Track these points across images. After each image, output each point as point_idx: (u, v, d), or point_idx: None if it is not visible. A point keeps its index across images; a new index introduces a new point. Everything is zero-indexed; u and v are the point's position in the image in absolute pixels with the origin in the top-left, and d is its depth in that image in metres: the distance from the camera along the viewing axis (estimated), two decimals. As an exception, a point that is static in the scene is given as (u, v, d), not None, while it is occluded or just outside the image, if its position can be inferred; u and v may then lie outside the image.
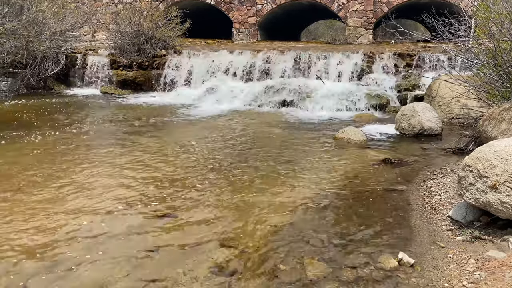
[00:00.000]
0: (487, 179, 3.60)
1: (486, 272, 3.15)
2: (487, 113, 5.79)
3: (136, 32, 12.66)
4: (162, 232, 4.01)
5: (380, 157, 6.34)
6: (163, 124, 8.78)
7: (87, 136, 7.56)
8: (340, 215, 4.40)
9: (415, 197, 4.80)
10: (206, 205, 4.63)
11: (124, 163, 5.99)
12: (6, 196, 4.74)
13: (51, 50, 12.24)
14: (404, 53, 11.36)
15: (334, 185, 5.24)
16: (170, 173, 5.62)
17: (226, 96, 11.13)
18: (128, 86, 12.57)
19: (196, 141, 7.26)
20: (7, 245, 3.72)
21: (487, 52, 6.31)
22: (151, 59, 12.58)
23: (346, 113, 9.97)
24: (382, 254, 3.58)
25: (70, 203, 4.62)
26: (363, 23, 15.10)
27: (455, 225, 3.97)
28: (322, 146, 7.11)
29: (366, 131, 7.99)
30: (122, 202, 4.66)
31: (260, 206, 4.61)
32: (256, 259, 3.55)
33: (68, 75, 13.05)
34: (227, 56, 12.38)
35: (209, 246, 3.75)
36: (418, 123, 7.63)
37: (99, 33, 16.06)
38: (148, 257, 3.57)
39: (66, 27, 13.23)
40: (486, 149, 3.73)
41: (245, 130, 8.24)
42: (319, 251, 3.67)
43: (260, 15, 15.99)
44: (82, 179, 5.35)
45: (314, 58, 11.73)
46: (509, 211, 3.51)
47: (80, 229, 4.04)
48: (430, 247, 3.68)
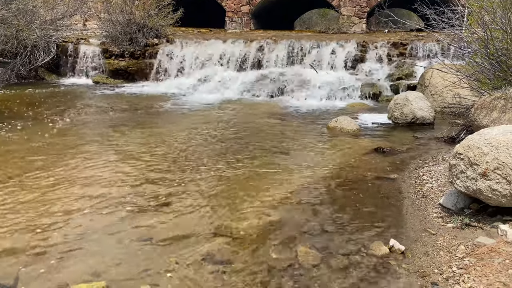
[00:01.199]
0: (477, 166, 3.63)
1: (476, 258, 3.19)
2: (479, 102, 5.83)
3: (128, 21, 12.53)
4: (154, 222, 4.01)
5: (372, 146, 6.37)
6: (155, 114, 8.73)
7: (78, 126, 7.51)
8: (332, 203, 4.43)
9: (406, 185, 4.84)
10: (199, 194, 4.63)
11: (115, 153, 5.97)
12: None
13: (41, 39, 12.09)
14: (397, 42, 11.36)
15: (326, 174, 5.27)
16: (163, 162, 5.61)
17: (219, 86, 11.09)
18: (120, 75, 12.48)
19: (189, 131, 7.24)
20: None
21: (479, 41, 6.33)
22: (143, 48, 12.48)
23: (339, 102, 9.98)
24: (373, 241, 3.61)
25: (60, 192, 4.60)
26: (356, 12, 15.04)
27: (446, 213, 4.01)
28: (315, 135, 7.12)
29: (359, 120, 8.01)
30: (114, 192, 4.65)
31: (253, 195, 4.62)
32: (249, 248, 3.57)
33: (59, 65, 12.90)
34: (220, 45, 12.31)
35: (202, 235, 3.76)
36: (410, 112, 7.66)
37: (91, 22, 15.87)
38: (140, 246, 3.58)
39: (57, 16, 13.07)
40: (477, 137, 3.76)
41: (238, 120, 8.22)
42: (311, 239, 3.70)
43: (253, 4, 15.87)
44: (73, 168, 5.32)
45: (307, 47, 11.70)
46: (498, 198, 3.55)
47: (71, 219, 4.03)
48: (421, 234, 3.72)
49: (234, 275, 3.19)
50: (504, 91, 5.56)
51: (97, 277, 3.15)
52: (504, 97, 5.49)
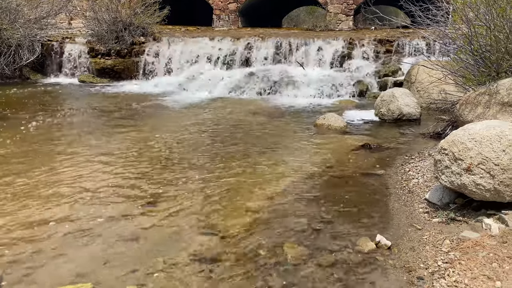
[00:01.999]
0: (461, 161, 3.67)
1: (460, 252, 3.23)
2: (464, 98, 5.88)
3: (114, 19, 12.41)
4: (141, 221, 3.98)
5: (359, 142, 6.40)
6: (142, 113, 8.67)
7: (63, 126, 7.43)
8: (320, 200, 4.44)
9: (393, 181, 4.88)
10: (186, 193, 4.62)
11: (102, 153, 5.92)
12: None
13: (25, 38, 11.93)
14: (383, 39, 11.43)
15: (314, 170, 5.28)
16: (150, 162, 5.58)
17: (207, 84, 11.05)
18: (107, 74, 12.36)
19: (176, 130, 7.21)
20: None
21: (463, 38, 6.39)
22: (129, 47, 12.37)
23: (327, 99, 10.02)
24: (360, 237, 3.63)
25: (46, 193, 4.54)
26: (343, 10, 15.10)
27: (432, 208, 4.05)
28: (303, 132, 7.14)
29: (346, 117, 8.05)
30: (100, 192, 4.61)
31: (240, 193, 4.62)
32: (237, 246, 3.56)
33: (45, 64, 12.73)
34: (207, 43, 12.26)
35: (189, 234, 3.75)
36: (397, 109, 7.71)
37: (76, 21, 15.69)
38: (127, 246, 3.55)
39: (41, 15, 12.90)
40: (461, 133, 3.80)
41: (226, 118, 8.20)
42: (299, 236, 3.71)
43: (240, 2, 15.83)
44: (58, 169, 5.26)
45: (295, 44, 11.71)
46: (482, 193, 3.59)
47: (57, 220, 3.98)
48: (407, 229, 3.75)
49: (222, 274, 3.18)
50: (488, 87, 5.63)
51: (83, 278, 3.12)
52: (488, 93, 5.55)
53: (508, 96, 5.10)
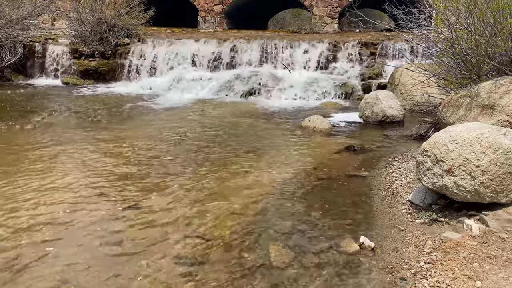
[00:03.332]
0: (443, 163, 3.73)
1: (442, 252, 3.28)
2: (446, 100, 5.98)
3: (98, 20, 12.29)
4: (125, 225, 3.95)
5: (344, 144, 6.45)
6: (127, 115, 8.60)
7: (44, 129, 7.32)
8: (305, 202, 4.46)
9: (377, 183, 4.93)
10: (170, 196, 4.59)
11: (85, 156, 5.85)
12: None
13: (7, 39, 11.75)
14: (368, 42, 11.55)
15: (299, 172, 5.30)
16: (133, 164, 5.53)
17: (193, 86, 11.02)
18: (91, 76, 12.23)
19: (161, 132, 7.17)
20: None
21: (445, 41, 6.50)
22: (114, 48, 12.26)
23: (312, 101, 10.07)
24: (344, 239, 3.66)
25: (27, 197, 4.47)
26: (328, 12, 15.22)
27: (414, 209, 4.11)
28: (288, 134, 7.16)
29: (331, 119, 8.11)
30: (82, 196, 4.56)
31: (225, 195, 4.61)
32: (221, 248, 3.56)
33: (27, 65, 12.53)
34: (193, 44, 12.22)
35: (173, 237, 3.73)
36: (381, 111, 7.80)
37: (59, 22, 15.48)
38: (110, 250, 3.52)
39: (23, 15, 12.70)
40: (443, 135, 3.86)
41: (212, 120, 8.19)
42: (284, 238, 3.72)
43: (226, 4, 15.84)
44: (40, 172, 5.18)
45: (280, 47, 11.75)
46: (463, 194, 3.65)
47: (38, 224, 3.92)
48: (390, 230, 3.79)
49: (206, 277, 3.17)
50: (469, 90, 5.72)
51: (65, 283, 3.08)
52: (469, 95, 5.65)
53: (488, 99, 5.20)
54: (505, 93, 5.02)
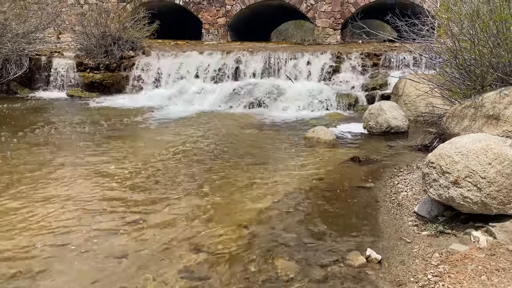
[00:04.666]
0: (449, 175, 3.71)
1: (450, 265, 3.24)
2: (450, 111, 5.97)
3: (103, 34, 12.41)
4: (130, 237, 3.94)
5: (348, 155, 6.44)
6: (131, 127, 8.63)
7: (52, 141, 7.36)
8: (310, 214, 4.44)
9: (382, 194, 4.90)
10: (175, 208, 4.59)
11: (91, 168, 5.86)
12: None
13: (13, 53, 11.87)
14: (371, 53, 11.58)
15: (304, 184, 5.29)
16: (138, 177, 5.54)
17: (196, 97, 11.07)
18: (96, 88, 12.31)
19: (166, 144, 7.18)
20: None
21: (448, 52, 6.51)
22: (118, 61, 12.36)
23: (315, 112, 10.09)
24: (350, 251, 3.63)
25: (34, 210, 4.48)
26: (331, 24, 15.31)
27: (421, 221, 4.08)
28: (293, 146, 7.16)
29: (335, 130, 8.10)
30: (89, 208, 4.56)
31: (229, 207, 4.60)
32: (227, 262, 3.54)
33: (33, 78, 12.64)
34: (197, 57, 12.31)
35: (178, 250, 3.71)
36: (385, 122, 7.79)
37: (65, 35, 15.65)
38: (116, 263, 3.51)
39: (29, 29, 12.85)
40: (448, 146, 3.85)
41: (216, 132, 8.21)
42: (289, 251, 3.70)
43: (229, 16, 15.97)
44: (45, 185, 5.20)
45: (284, 58, 11.81)
46: (470, 205, 3.63)
47: (44, 237, 3.92)
48: (397, 242, 3.77)
49: (212, 290, 3.16)
50: (473, 100, 5.72)
51: (70, 297, 3.07)
52: (473, 106, 5.64)
53: (493, 109, 5.19)
54: (510, 104, 5.01)
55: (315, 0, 15.28)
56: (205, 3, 16.02)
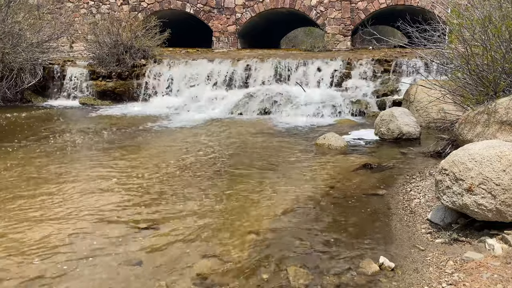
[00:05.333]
0: (462, 182, 3.68)
1: (464, 273, 3.21)
2: (463, 117, 5.93)
3: (115, 42, 12.59)
4: (144, 245, 3.97)
5: (360, 162, 6.42)
6: (143, 135, 8.71)
7: (65, 149, 7.46)
8: (322, 222, 4.43)
9: (394, 201, 4.88)
10: (188, 216, 4.61)
11: (103, 176, 5.93)
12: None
13: (28, 62, 12.08)
14: (381, 59, 11.57)
15: (315, 191, 5.28)
16: (151, 184, 5.58)
17: (207, 105, 11.15)
18: (108, 96, 12.47)
19: (177, 151, 7.23)
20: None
21: (460, 57, 6.48)
22: (130, 69, 12.51)
23: (326, 119, 10.08)
24: (363, 259, 3.61)
25: (48, 217, 4.54)
26: (341, 30, 15.32)
27: (434, 228, 4.05)
28: (303, 152, 7.16)
29: (346, 137, 8.08)
30: (101, 216, 4.60)
31: (241, 215, 4.61)
32: (239, 269, 3.54)
33: (46, 87, 12.86)
34: (207, 64, 12.40)
35: (191, 258, 3.73)
36: (396, 128, 7.76)
37: (77, 44, 15.89)
38: (130, 271, 3.53)
39: (43, 38, 13.09)
40: (461, 153, 3.82)
41: (227, 139, 8.24)
42: (301, 259, 3.69)
43: (239, 24, 16.08)
44: (59, 192, 5.26)
45: (294, 65, 11.85)
46: (485, 213, 3.59)
47: (59, 244, 3.97)
48: (410, 250, 3.74)
49: (225, 298, 3.16)
50: (486, 106, 5.68)
51: (85, 304, 3.10)
52: (486, 112, 5.60)
53: (507, 115, 5.15)
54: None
55: (324, 7, 15.33)
56: (215, 11, 16.16)
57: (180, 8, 16.38)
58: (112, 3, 16.87)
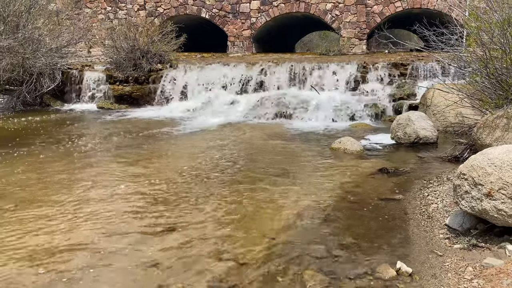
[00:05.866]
0: (482, 187, 3.63)
1: (484, 280, 3.16)
2: (481, 121, 5.85)
3: (132, 47, 12.75)
4: (161, 247, 4.00)
5: (376, 166, 6.37)
6: (159, 138, 8.79)
7: (82, 152, 7.57)
8: (338, 226, 4.41)
9: (412, 206, 4.83)
10: (204, 219, 4.63)
11: (120, 179, 6.00)
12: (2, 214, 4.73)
13: (47, 67, 12.32)
14: (397, 63, 11.47)
15: (331, 195, 5.26)
16: (167, 188, 5.62)
17: (222, 109, 11.19)
18: (125, 100, 12.63)
19: (192, 155, 7.28)
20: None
21: (479, 61, 6.40)
22: (147, 74, 12.66)
23: (341, 123, 10.03)
24: (380, 264, 3.58)
25: (67, 219, 4.61)
26: (356, 34, 15.26)
27: (452, 233, 3.99)
28: (319, 157, 7.13)
29: (362, 141, 8.03)
30: (119, 218, 4.66)
31: (257, 218, 4.62)
32: (255, 272, 3.55)
33: (64, 91, 13.10)
34: (222, 69, 12.47)
35: (208, 260, 3.75)
36: (413, 132, 7.68)
37: (95, 49, 16.16)
38: (147, 273, 3.57)
39: (62, 44, 13.34)
40: (480, 157, 3.77)
41: (242, 143, 8.27)
42: (318, 263, 3.68)
43: (254, 28, 16.14)
44: (78, 195, 5.35)
45: (308, 69, 11.83)
46: (504, 218, 3.53)
47: (77, 246, 4.03)
48: (428, 255, 3.69)
49: (241, 301, 3.17)
50: (506, 110, 5.59)
51: (103, 305, 3.14)
52: (506, 116, 5.51)
53: (527, 119, 5.06)
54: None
55: (340, 11, 15.29)
56: (231, 16, 16.26)
57: (196, 13, 16.53)
58: (129, 9, 17.12)
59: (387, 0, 14.76)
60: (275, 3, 15.75)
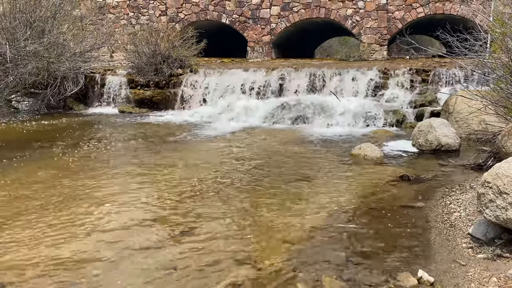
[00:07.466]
0: (507, 195, 3.55)
1: (509, 291, 3.08)
2: (506, 128, 5.73)
3: (153, 52, 12.93)
4: (179, 250, 4.03)
5: (397, 173, 6.29)
6: (179, 142, 8.87)
7: (104, 155, 7.70)
8: (358, 233, 4.37)
9: (433, 214, 4.74)
10: (223, 223, 4.65)
11: (140, 181, 6.07)
12: (28, 218, 4.84)
13: (70, 71, 12.58)
14: (419, 69, 11.33)
15: (351, 202, 5.21)
16: (186, 191, 5.66)
17: (242, 114, 11.23)
18: (146, 104, 12.80)
19: (212, 160, 7.32)
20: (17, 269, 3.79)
21: (504, 67, 6.28)
22: (168, 78, 12.81)
23: (362, 129, 9.95)
24: (401, 272, 3.53)
25: (88, 221, 4.69)
26: (377, 40, 15.14)
27: (476, 243, 3.90)
28: (339, 163, 7.08)
29: (382, 147, 7.94)
30: (138, 220, 4.71)
31: (277, 223, 4.61)
32: (274, 277, 3.54)
33: (87, 95, 13.35)
34: (242, 74, 12.53)
35: (226, 264, 3.75)
36: (435, 139, 7.56)
37: (117, 54, 16.44)
38: (165, 276, 3.59)
39: (86, 48, 13.61)
40: (506, 165, 3.68)
41: (261, 147, 8.27)
42: (337, 270, 3.64)
43: (274, 34, 16.18)
44: (99, 197, 5.43)
45: (328, 75, 11.79)
46: (531, 229, 3.44)
47: (96, 249, 4.09)
48: (450, 265, 3.62)
49: (259, 306, 3.16)
50: (532, 118, 5.46)
51: (123, 306, 3.17)
52: (532, 124, 5.38)
53: (554, 127, 4.93)
54: None
55: (360, 17, 15.21)
56: (251, 21, 16.34)
57: (216, 19, 16.67)
58: (151, 14, 17.38)
59: (408, 6, 14.62)
60: (295, 8, 15.77)
